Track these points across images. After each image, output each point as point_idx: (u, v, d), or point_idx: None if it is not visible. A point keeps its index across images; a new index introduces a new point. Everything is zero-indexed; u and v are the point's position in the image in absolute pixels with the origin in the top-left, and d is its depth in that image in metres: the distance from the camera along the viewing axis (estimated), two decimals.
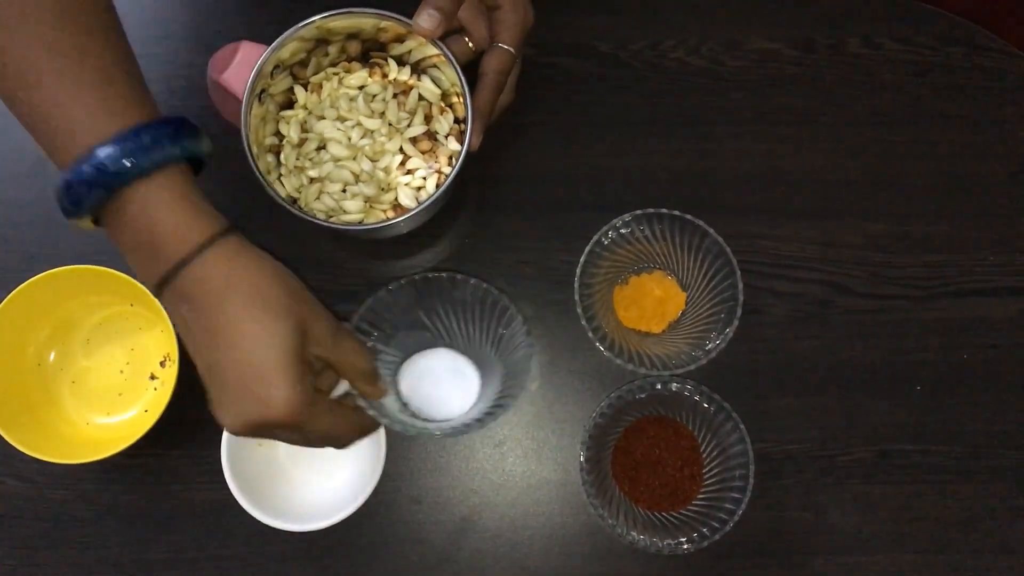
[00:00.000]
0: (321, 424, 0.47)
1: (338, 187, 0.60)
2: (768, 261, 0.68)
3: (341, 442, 0.51)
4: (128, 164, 0.43)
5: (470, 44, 0.59)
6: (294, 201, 0.60)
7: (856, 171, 0.69)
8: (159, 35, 0.70)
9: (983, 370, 0.67)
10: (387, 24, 0.57)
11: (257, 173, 0.55)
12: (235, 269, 0.45)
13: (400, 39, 0.60)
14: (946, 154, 0.69)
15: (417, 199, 0.60)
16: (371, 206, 0.60)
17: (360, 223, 0.59)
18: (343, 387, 0.52)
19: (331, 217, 0.60)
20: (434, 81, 0.62)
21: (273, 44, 0.56)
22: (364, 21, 0.58)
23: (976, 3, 0.73)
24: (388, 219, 0.59)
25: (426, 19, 0.54)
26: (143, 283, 0.47)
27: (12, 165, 0.68)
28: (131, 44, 0.47)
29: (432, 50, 0.58)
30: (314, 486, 0.63)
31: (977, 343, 0.67)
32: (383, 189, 0.60)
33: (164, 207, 0.44)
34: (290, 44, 0.57)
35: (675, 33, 0.70)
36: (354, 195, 0.60)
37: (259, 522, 0.59)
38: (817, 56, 0.70)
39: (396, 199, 0.60)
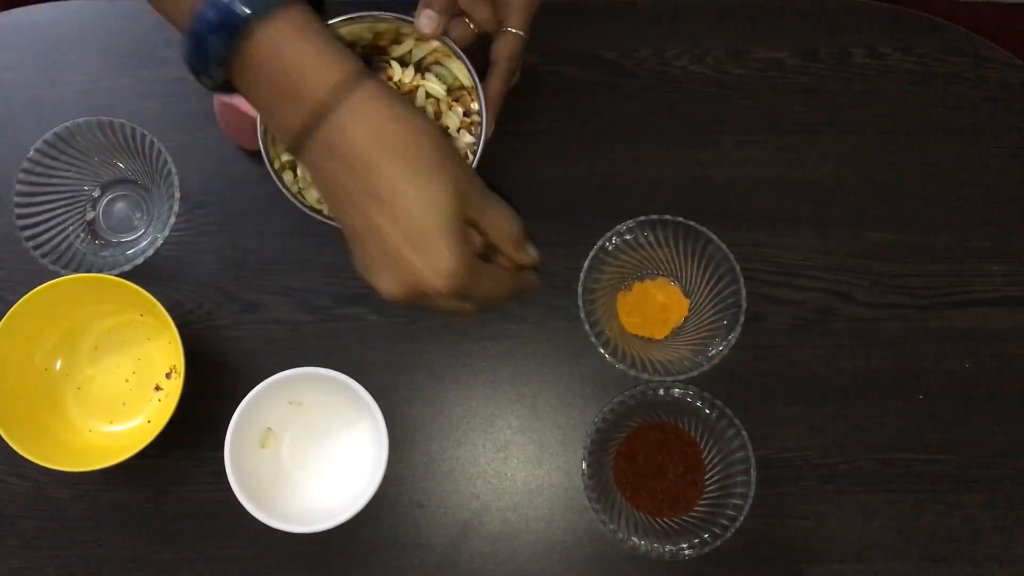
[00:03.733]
0: (482, 287, 0.46)
1: None
2: (771, 269, 0.68)
3: (499, 303, 0.49)
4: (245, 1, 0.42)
5: (472, 27, 0.59)
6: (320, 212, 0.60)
7: (859, 180, 0.69)
8: (168, 38, 0.70)
9: (985, 380, 0.67)
10: (382, 27, 0.58)
11: (280, 184, 0.56)
12: (382, 121, 0.43)
13: (398, 40, 0.60)
14: (949, 164, 0.70)
15: None
16: None
17: None
18: None
19: None
20: (438, 77, 0.62)
21: None
22: (359, 27, 0.58)
23: (980, 14, 0.73)
24: None
25: (426, 22, 0.55)
26: (283, 140, 0.46)
27: None
28: (135, 44, 0.47)
29: (431, 46, 0.59)
30: (316, 488, 0.64)
31: (979, 352, 0.67)
32: None
33: (293, 45, 0.43)
34: None
35: (680, 42, 0.71)
36: None
37: (261, 523, 0.59)
38: (821, 66, 0.71)
39: None
